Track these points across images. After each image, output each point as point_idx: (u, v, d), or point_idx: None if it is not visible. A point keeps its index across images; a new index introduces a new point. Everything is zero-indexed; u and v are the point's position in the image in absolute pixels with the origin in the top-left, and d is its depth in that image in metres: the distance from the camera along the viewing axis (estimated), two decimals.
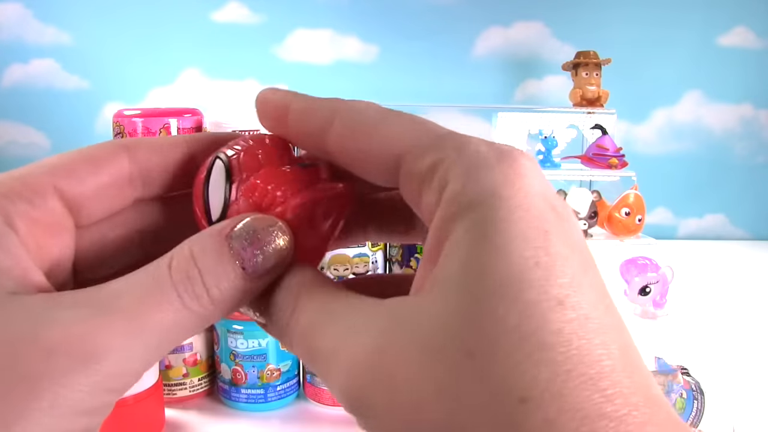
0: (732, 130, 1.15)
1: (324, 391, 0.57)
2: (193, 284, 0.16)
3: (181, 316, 0.16)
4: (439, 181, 0.15)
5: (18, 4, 1.03)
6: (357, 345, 0.15)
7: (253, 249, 0.17)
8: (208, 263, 0.17)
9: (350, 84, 1.08)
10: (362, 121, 0.18)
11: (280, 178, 0.19)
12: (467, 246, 0.14)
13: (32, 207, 0.17)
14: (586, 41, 0.99)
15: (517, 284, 0.13)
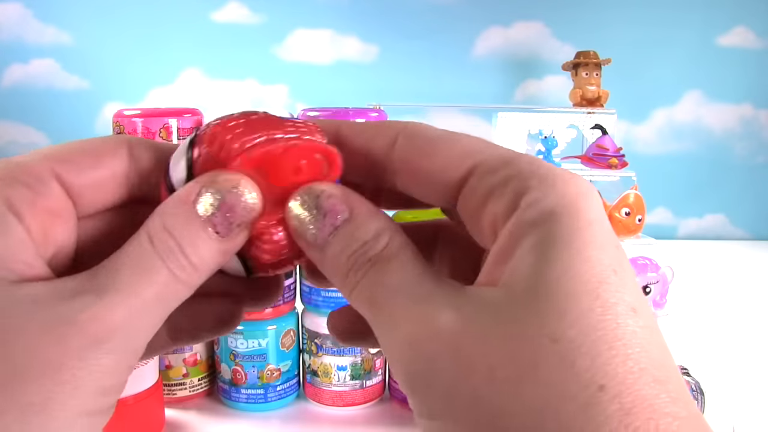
0: (732, 130, 1.15)
1: (324, 391, 0.57)
2: (176, 255, 0.17)
3: (172, 284, 0.17)
4: (514, 190, 0.16)
5: (18, 4, 1.03)
6: (430, 321, 0.15)
7: (222, 212, 0.17)
8: (183, 233, 0.17)
9: (350, 84, 1.08)
10: (428, 137, 0.19)
11: (241, 127, 0.18)
12: (549, 247, 0.15)
13: (35, 193, 0.17)
14: (586, 41, 0.99)
15: (598, 285, 0.14)
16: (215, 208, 0.17)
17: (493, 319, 0.15)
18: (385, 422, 0.55)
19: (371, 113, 0.56)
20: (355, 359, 0.56)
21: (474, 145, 0.18)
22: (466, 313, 0.15)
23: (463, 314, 0.15)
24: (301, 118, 0.20)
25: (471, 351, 0.14)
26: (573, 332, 0.14)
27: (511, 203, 0.16)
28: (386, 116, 0.57)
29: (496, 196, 0.17)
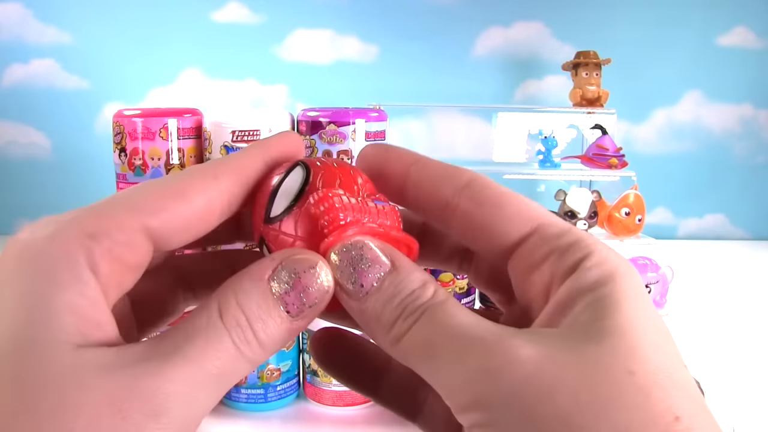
0: (732, 130, 1.15)
1: (324, 391, 0.57)
2: (244, 331, 0.17)
3: (236, 361, 0.17)
4: (575, 254, 0.18)
5: (18, 4, 1.03)
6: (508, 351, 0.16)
7: (296, 292, 0.18)
8: (254, 310, 0.17)
9: (350, 84, 1.08)
10: (498, 191, 0.20)
11: (351, 205, 0.19)
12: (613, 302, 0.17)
13: (118, 246, 0.17)
14: (586, 41, 0.99)
15: (661, 336, 0.17)
16: (290, 286, 0.18)
17: (569, 352, 0.16)
18: (385, 422, 0.55)
19: (371, 113, 0.56)
20: None
21: (537, 208, 0.20)
22: (542, 345, 0.16)
23: (540, 346, 0.16)
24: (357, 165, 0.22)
25: (554, 377, 0.15)
26: (646, 367, 0.15)
27: (572, 264, 0.18)
28: (386, 116, 0.57)
29: (557, 256, 0.18)
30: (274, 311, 0.17)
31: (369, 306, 0.18)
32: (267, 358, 0.18)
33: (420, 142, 1.10)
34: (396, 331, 0.18)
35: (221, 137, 0.55)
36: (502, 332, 0.17)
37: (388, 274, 0.18)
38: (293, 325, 0.18)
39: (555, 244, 0.18)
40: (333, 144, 0.54)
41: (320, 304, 0.18)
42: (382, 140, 0.56)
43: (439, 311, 0.17)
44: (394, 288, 0.18)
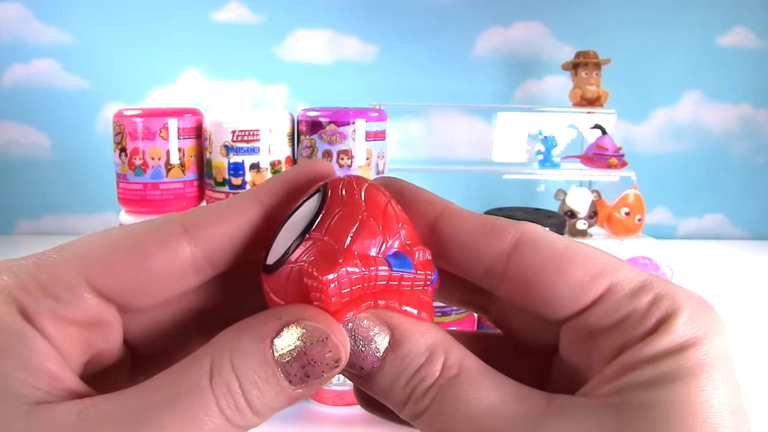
0: (731, 130, 1.15)
1: (324, 391, 0.57)
2: (235, 398, 0.15)
3: (222, 430, 0.15)
4: (658, 311, 0.16)
5: (18, 4, 1.03)
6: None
7: (300, 364, 0.15)
8: (250, 376, 0.15)
9: (350, 84, 1.08)
10: (554, 250, 0.17)
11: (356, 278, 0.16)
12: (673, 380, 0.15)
13: (61, 304, 0.15)
14: (586, 41, 0.99)
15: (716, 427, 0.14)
16: (293, 358, 0.15)
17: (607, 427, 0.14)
18: (385, 422, 0.55)
19: (371, 113, 0.56)
20: None
21: (606, 263, 0.17)
22: (569, 420, 0.14)
23: (567, 421, 0.14)
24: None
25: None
26: None
27: (645, 331, 0.15)
28: (386, 116, 0.57)
29: (632, 320, 0.16)
30: (273, 379, 0.15)
31: (375, 387, 0.16)
32: (261, 423, 0.16)
33: (420, 142, 1.11)
34: (409, 411, 0.16)
35: (221, 137, 0.55)
36: (522, 423, 0.15)
37: (389, 350, 0.16)
38: (294, 393, 0.16)
39: (631, 306, 0.16)
40: (333, 144, 0.54)
41: (327, 378, 0.16)
42: (382, 140, 0.56)
43: (451, 396, 0.15)
44: (397, 367, 0.16)
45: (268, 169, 0.54)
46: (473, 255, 0.17)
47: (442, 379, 0.16)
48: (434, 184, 1.14)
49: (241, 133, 0.54)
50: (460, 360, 0.16)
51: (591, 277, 0.16)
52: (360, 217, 0.16)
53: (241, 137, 0.54)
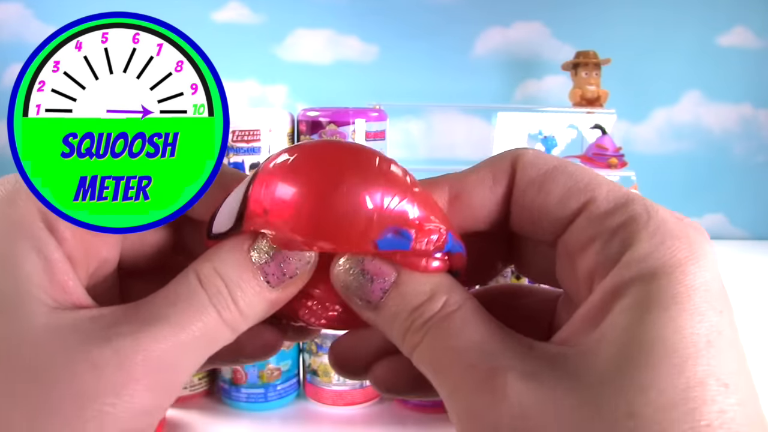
0: (731, 130, 1.15)
1: (324, 391, 0.57)
2: (224, 297, 0.17)
3: (217, 325, 0.17)
4: (621, 242, 0.15)
5: (18, 4, 1.03)
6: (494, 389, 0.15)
7: (276, 262, 0.17)
8: (233, 278, 0.17)
9: (350, 84, 1.08)
10: (544, 166, 0.18)
11: None
12: (643, 312, 0.14)
13: None
14: (586, 41, 0.99)
15: (687, 359, 0.13)
16: (269, 256, 0.17)
17: (566, 389, 0.14)
18: (385, 422, 0.55)
19: (371, 113, 0.56)
20: None
21: (588, 180, 0.17)
22: (535, 381, 0.14)
23: (533, 382, 0.14)
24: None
25: (537, 422, 0.14)
26: (650, 410, 0.13)
27: (615, 255, 0.15)
28: (386, 116, 0.57)
29: (601, 243, 0.16)
30: (254, 279, 0.17)
31: (379, 319, 0.18)
32: (247, 327, 0.18)
33: (420, 141, 1.11)
34: (407, 345, 0.17)
35: None
36: (498, 359, 0.15)
37: (393, 287, 0.17)
38: (273, 295, 0.17)
39: (601, 226, 0.16)
40: None
41: (301, 275, 0.17)
42: (382, 140, 0.56)
43: (445, 329, 0.16)
44: (398, 302, 0.17)
45: None
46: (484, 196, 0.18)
47: (440, 314, 0.17)
48: None
49: (241, 133, 0.54)
50: (460, 302, 0.17)
51: (570, 194, 0.17)
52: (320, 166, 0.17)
53: (241, 137, 0.54)
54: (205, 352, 0.17)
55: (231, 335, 0.17)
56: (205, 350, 0.17)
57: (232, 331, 0.17)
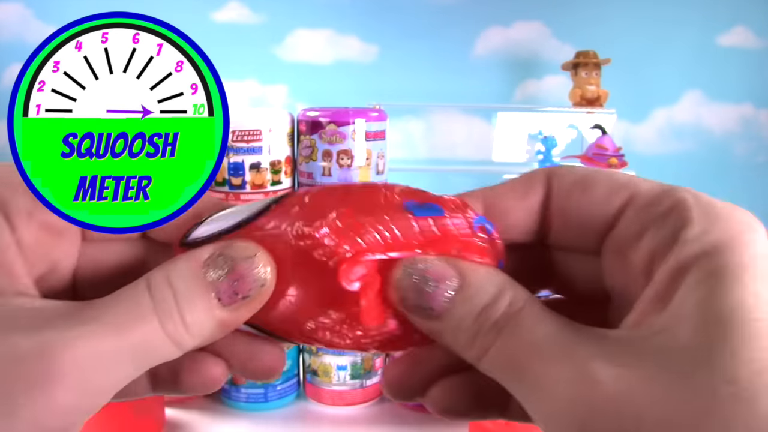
0: (732, 130, 1.15)
1: (324, 391, 0.57)
2: (170, 307, 0.16)
3: (158, 336, 0.16)
4: (674, 224, 0.15)
5: (18, 4, 1.03)
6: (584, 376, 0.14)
7: (230, 280, 0.17)
8: (183, 290, 0.16)
9: (350, 84, 1.08)
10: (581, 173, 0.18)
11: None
12: (715, 284, 0.14)
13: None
14: (586, 41, 0.99)
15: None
16: (224, 273, 0.17)
17: (655, 368, 0.14)
18: (385, 422, 0.55)
19: (371, 113, 0.56)
20: (355, 359, 0.56)
21: (628, 178, 0.17)
22: (622, 364, 0.14)
23: (620, 366, 0.14)
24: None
25: (636, 403, 0.14)
26: (746, 372, 0.13)
27: (671, 237, 0.15)
28: (386, 116, 0.57)
29: (654, 229, 0.16)
30: (205, 295, 0.16)
31: (444, 328, 0.17)
32: (191, 345, 0.17)
33: (420, 141, 1.10)
34: (476, 350, 0.16)
35: None
36: (579, 348, 0.15)
37: (457, 291, 0.17)
38: (223, 314, 0.17)
39: (650, 214, 0.16)
40: (333, 144, 0.54)
41: (254, 298, 0.17)
42: (382, 140, 0.56)
43: (517, 326, 0.16)
44: (465, 306, 0.17)
45: (268, 169, 0.54)
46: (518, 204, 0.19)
47: (509, 312, 0.16)
48: (434, 184, 1.13)
49: (241, 132, 0.54)
50: (525, 297, 0.17)
51: (612, 191, 0.17)
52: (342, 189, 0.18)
53: (241, 137, 0.54)
54: (143, 362, 0.16)
55: (173, 350, 0.17)
56: (142, 360, 0.16)
57: (174, 346, 0.16)
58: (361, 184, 0.19)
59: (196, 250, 0.17)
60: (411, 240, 0.17)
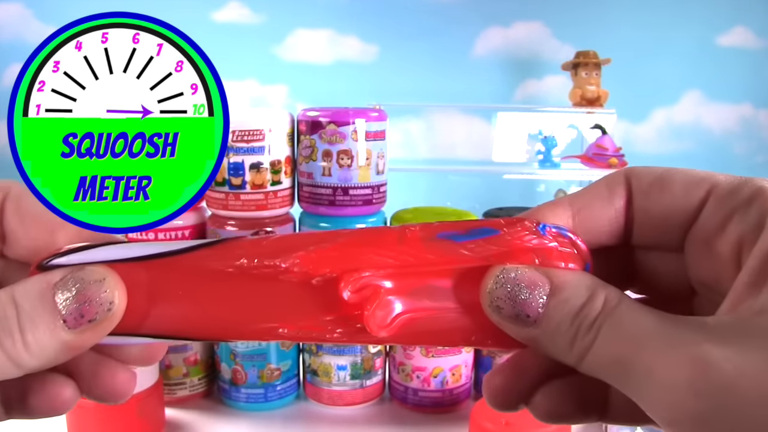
0: (732, 130, 1.15)
1: (324, 391, 0.57)
2: (10, 324, 0.16)
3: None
4: (760, 208, 0.16)
5: (18, 4, 1.03)
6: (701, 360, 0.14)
7: (77, 303, 0.16)
8: (27, 308, 0.16)
9: (350, 84, 1.08)
10: (657, 171, 0.18)
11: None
12: None
13: None
14: (586, 41, 0.99)
15: None
16: (72, 296, 0.16)
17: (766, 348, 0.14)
18: (385, 422, 0.55)
19: (371, 113, 0.56)
20: (355, 359, 0.56)
21: (705, 173, 0.18)
22: (732, 346, 0.14)
23: (731, 348, 0.14)
24: None
25: (758, 378, 0.14)
26: None
27: (757, 224, 0.16)
28: (386, 116, 0.57)
29: (739, 217, 0.16)
30: (49, 316, 0.16)
31: (541, 334, 0.17)
32: (33, 366, 0.17)
33: (420, 141, 1.10)
34: (576, 351, 0.16)
35: None
36: (685, 334, 0.15)
37: (550, 296, 0.17)
38: (68, 337, 0.16)
39: (734, 201, 0.16)
40: (333, 144, 0.54)
41: (100, 321, 0.17)
42: (382, 140, 0.56)
43: (616, 322, 0.16)
44: (561, 309, 0.17)
45: (268, 169, 0.54)
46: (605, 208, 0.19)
47: (605, 310, 0.16)
48: (434, 184, 1.13)
49: (241, 132, 0.54)
50: (619, 295, 0.17)
51: (690, 186, 0.18)
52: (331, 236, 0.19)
53: (241, 137, 0.54)
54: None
55: (13, 369, 0.16)
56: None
57: (14, 365, 0.16)
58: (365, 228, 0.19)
59: (49, 272, 0.17)
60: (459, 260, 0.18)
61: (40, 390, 0.19)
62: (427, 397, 0.56)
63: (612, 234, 0.19)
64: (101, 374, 0.19)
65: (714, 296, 0.17)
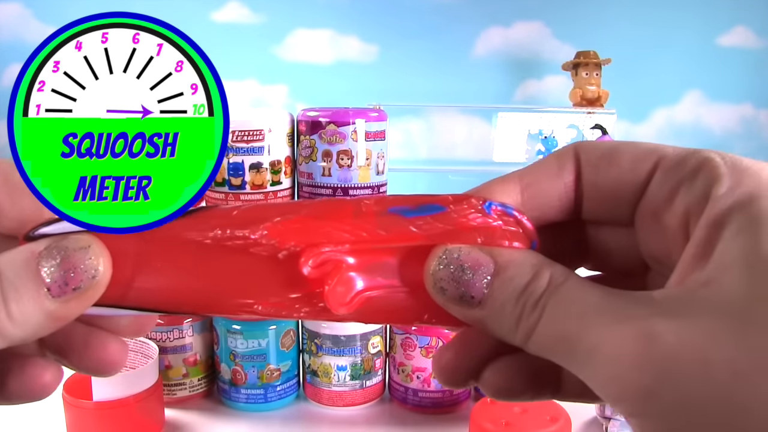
0: (732, 130, 1.15)
1: (324, 391, 0.57)
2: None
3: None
4: (705, 180, 0.16)
5: (18, 4, 1.03)
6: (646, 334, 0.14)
7: (61, 270, 0.16)
8: (11, 277, 0.16)
9: (350, 84, 1.08)
10: (608, 144, 0.18)
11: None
12: (756, 231, 0.14)
13: None
14: (586, 41, 0.99)
15: None
16: (57, 264, 0.16)
17: (711, 319, 0.14)
18: (385, 422, 0.55)
19: (371, 113, 0.56)
20: (354, 359, 0.56)
21: (653, 146, 0.18)
22: (678, 319, 0.14)
23: (675, 321, 0.14)
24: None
25: (702, 349, 0.13)
26: None
27: (703, 194, 0.15)
28: (386, 116, 0.57)
29: (685, 189, 0.16)
30: (33, 284, 0.16)
31: (486, 315, 0.17)
32: (18, 337, 0.16)
33: (420, 141, 1.10)
34: (522, 330, 0.16)
35: None
36: (630, 309, 0.15)
37: (494, 276, 0.17)
38: (53, 306, 0.16)
39: (680, 173, 0.16)
40: (333, 144, 0.54)
41: (86, 290, 0.17)
42: (382, 140, 0.56)
43: (562, 299, 0.16)
44: (506, 288, 0.16)
45: (268, 169, 0.54)
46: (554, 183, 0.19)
47: (551, 288, 0.16)
48: (434, 184, 1.13)
49: (241, 133, 0.54)
50: (566, 272, 0.17)
51: (638, 159, 0.17)
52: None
53: (241, 137, 0.54)
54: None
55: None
56: None
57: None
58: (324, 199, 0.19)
59: (35, 241, 0.17)
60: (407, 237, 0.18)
61: (20, 372, 0.19)
62: (427, 398, 0.56)
63: (562, 209, 0.19)
64: (92, 345, 0.19)
65: (666, 270, 0.17)
